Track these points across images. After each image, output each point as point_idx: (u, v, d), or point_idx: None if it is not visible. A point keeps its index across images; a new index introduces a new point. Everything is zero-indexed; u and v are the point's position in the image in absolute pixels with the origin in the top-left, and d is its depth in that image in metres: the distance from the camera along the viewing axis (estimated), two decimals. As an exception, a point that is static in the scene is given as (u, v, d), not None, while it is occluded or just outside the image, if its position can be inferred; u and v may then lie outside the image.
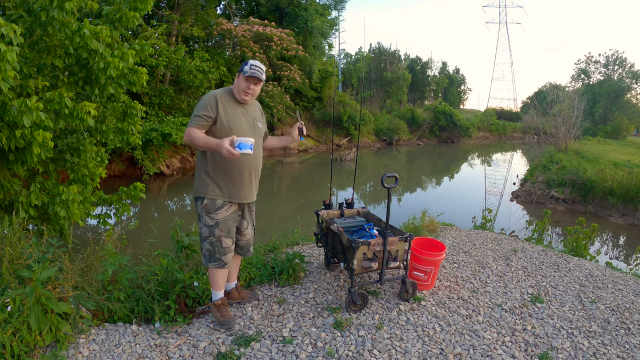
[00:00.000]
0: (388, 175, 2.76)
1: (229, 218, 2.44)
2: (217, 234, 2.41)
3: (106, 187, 6.97)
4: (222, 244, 2.42)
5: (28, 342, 2.06)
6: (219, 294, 2.57)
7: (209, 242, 2.43)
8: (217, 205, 2.39)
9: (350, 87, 37.49)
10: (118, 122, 4.81)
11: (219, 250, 2.43)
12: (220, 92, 2.42)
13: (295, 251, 3.43)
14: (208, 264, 2.47)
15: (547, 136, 21.48)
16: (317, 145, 22.08)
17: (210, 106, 2.32)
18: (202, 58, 15.90)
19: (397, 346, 2.39)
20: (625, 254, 7.84)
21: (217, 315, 2.53)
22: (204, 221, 2.43)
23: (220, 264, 2.46)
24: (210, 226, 2.41)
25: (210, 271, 2.51)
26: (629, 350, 2.52)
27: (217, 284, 2.54)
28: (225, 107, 2.36)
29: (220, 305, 2.55)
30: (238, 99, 2.41)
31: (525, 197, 11.94)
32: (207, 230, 2.42)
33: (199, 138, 2.25)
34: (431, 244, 3.31)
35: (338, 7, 26.31)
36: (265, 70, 2.39)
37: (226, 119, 2.34)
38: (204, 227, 2.43)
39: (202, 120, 2.30)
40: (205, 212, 2.40)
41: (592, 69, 44.47)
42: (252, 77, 2.34)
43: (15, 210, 3.84)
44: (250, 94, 2.39)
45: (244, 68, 2.35)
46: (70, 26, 3.84)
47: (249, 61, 2.36)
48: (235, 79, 2.43)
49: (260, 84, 2.42)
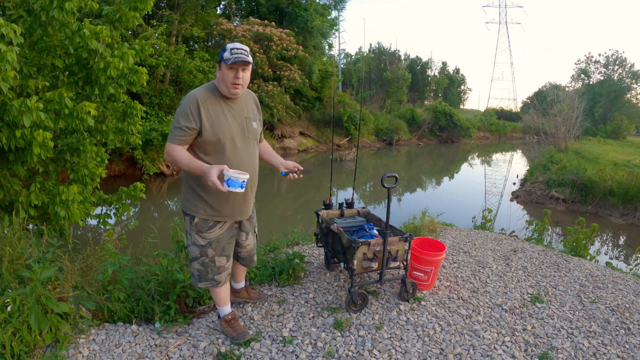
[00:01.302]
0: (388, 175, 2.76)
1: (223, 236, 2.15)
2: (210, 254, 2.14)
3: (106, 187, 6.97)
4: (215, 264, 2.17)
5: (28, 342, 2.06)
6: (225, 310, 2.38)
7: (200, 262, 2.16)
8: (210, 225, 2.11)
9: (350, 87, 37.47)
10: (118, 122, 4.82)
11: (212, 271, 2.18)
12: (202, 92, 2.01)
13: (295, 251, 3.43)
14: (198, 284, 2.21)
15: (547, 136, 21.50)
16: (317, 145, 22.09)
17: (191, 114, 1.94)
18: (202, 58, 15.92)
19: (397, 346, 2.39)
20: (625, 254, 7.84)
21: (229, 331, 2.35)
22: (193, 239, 2.13)
23: (213, 284, 2.22)
24: (202, 246, 2.13)
25: (210, 290, 2.31)
26: (629, 350, 2.52)
27: (220, 300, 2.34)
28: (209, 112, 1.98)
29: (230, 320, 2.38)
30: (226, 94, 2.02)
31: (525, 197, 11.95)
32: (198, 250, 2.14)
33: (181, 158, 1.92)
34: (431, 244, 3.31)
35: (338, 7, 26.33)
36: (249, 50, 2.00)
37: (211, 129, 1.97)
38: (194, 247, 2.14)
39: (184, 134, 1.94)
40: (196, 231, 2.11)
41: (592, 69, 44.53)
42: (237, 63, 1.93)
43: (15, 210, 3.85)
44: (240, 85, 1.99)
45: (224, 55, 1.95)
46: (70, 26, 3.84)
47: (227, 45, 1.96)
48: (217, 72, 2.04)
49: (248, 68, 2.01)
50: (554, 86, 43.14)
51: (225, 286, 2.32)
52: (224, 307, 2.39)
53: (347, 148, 21.57)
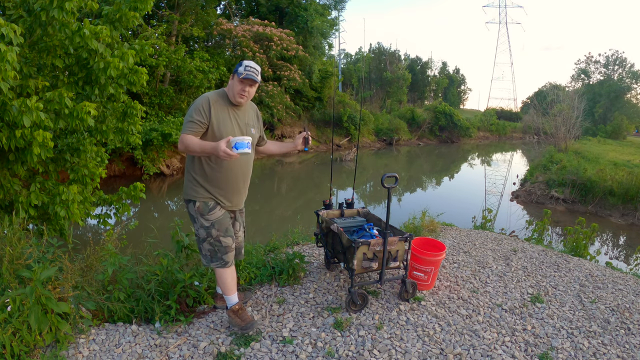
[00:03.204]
0: (388, 175, 2.76)
1: (223, 217, 2.41)
2: (214, 234, 2.38)
3: (106, 187, 6.98)
4: (221, 244, 2.39)
5: (28, 342, 2.06)
6: (233, 299, 2.49)
7: (208, 242, 2.39)
8: (210, 207, 2.37)
9: (350, 87, 37.49)
10: (118, 122, 4.81)
11: (220, 250, 2.39)
12: (214, 95, 2.35)
13: (295, 251, 3.43)
14: (210, 264, 2.43)
15: (547, 136, 21.50)
16: (317, 145, 22.09)
17: (203, 111, 2.26)
18: (202, 58, 15.91)
19: (397, 346, 2.39)
20: (625, 254, 7.84)
21: (237, 321, 2.44)
22: (199, 223, 2.39)
23: (221, 263, 2.41)
24: (207, 227, 2.37)
25: (217, 274, 2.45)
26: (629, 350, 2.52)
27: (228, 287, 2.47)
28: (218, 112, 2.30)
29: (238, 310, 2.48)
30: (233, 101, 2.36)
31: (525, 197, 11.95)
32: (204, 232, 2.38)
33: (194, 144, 2.20)
34: (431, 244, 3.31)
35: (338, 7, 26.36)
36: (260, 71, 2.35)
37: (217, 126, 2.29)
38: (200, 229, 2.39)
39: (196, 126, 2.25)
40: (199, 214, 2.37)
41: (592, 69, 44.53)
42: (247, 79, 2.28)
43: (15, 210, 3.85)
44: (245, 96, 2.33)
45: (238, 69, 2.29)
46: (70, 26, 3.84)
47: (243, 62, 2.30)
48: (229, 81, 2.38)
49: (255, 86, 2.37)
50: (554, 86, 43.14)
51: (232, 270, 2.48)
52: (232, 295, 2.49)
53: (347, 148, 21.57)
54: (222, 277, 2.45)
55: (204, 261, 2.46)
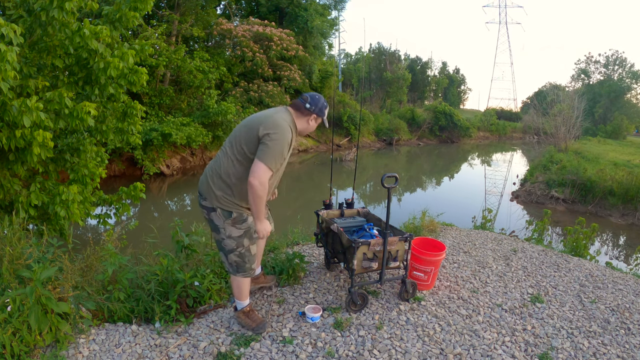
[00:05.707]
0: (388, 175, 2.76)
1: (252, 226, 2.37)
2: (245, 243, 2.34)
3: (106, 187, 6.98)
4: (250, 252, 2.38)
5: (28, 342, 2.06)
6: (245, 302, 2.49)
7: (237, 253, 2.34)
8: (244, 217, 2.33)
9: (350, 87, 37.47)
10: (118, 122, 4.82)
11: (249, 260, 2.38)
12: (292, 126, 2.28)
13: (295, 251, 3.43)
14: (236, 274, 2.39)
15: (547, 136, 21.49)
16: (317, 145, 22.08)
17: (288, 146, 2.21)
18: (202, 58, 15.92)
19: (397, 346, 2.39)
20: (625, 254, 7.84)
21: (248, 322, 2.45)
22: (228, 232, 2.30)
23: (249, 273, 2.41)
24: (238, 237, 2.31)
25: (237, 281, 2.42)
26: (629, 350, 2.52)
27: (243, 294, 2.46)
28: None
29: (249, 311, 2.49)
30: (299, 135, 2.41)
31: (525, 197, 11.95)
32: (233, 242, 2.32)
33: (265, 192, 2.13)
34: (431, 244, 3.31)
35: (338, 7, 26.36)
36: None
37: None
38: (229, 240, 2.31)
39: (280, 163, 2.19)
40: (232, 223, 2.30)
41: (592, 69, 44.46)
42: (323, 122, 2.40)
43: (15, 210, 3.85)
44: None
45: (324, 111, 2.35)
46: (70, 26, 3.84)
47: (325, 103, 2.35)
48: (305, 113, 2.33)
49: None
50: (554, 86, 43.07)
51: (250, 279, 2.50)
52: (244, 300, 2.50)
53: (347, 148, 21.57)
54: (241, 284, 2.44)
55: (230, 270, 2.41)
